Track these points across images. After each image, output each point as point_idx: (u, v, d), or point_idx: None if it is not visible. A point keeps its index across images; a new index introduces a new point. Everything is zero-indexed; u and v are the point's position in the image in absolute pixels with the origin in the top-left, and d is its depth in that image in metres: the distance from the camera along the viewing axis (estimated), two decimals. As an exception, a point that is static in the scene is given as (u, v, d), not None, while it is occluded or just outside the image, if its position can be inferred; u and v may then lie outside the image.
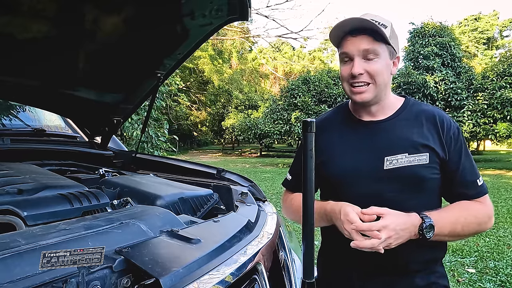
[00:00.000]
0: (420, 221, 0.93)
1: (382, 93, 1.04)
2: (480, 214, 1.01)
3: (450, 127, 1.04)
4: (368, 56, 0.99)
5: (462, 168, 1.02)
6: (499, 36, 39.25)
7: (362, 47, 0.98)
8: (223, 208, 1.43)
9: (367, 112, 1.09)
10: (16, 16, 1.27)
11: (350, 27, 0.99)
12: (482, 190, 1.04)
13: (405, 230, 0.92)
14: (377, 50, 0.99)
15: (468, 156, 1.05)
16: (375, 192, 1.01)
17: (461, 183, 1.03)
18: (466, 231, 1.00)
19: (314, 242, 0.85)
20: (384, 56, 1.01)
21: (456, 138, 1.03)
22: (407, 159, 1.00)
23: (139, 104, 2.06)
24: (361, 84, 1.01)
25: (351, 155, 1.07)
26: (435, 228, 0.93)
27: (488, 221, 1.03)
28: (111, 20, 1.40)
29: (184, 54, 1.68)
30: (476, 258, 3.67)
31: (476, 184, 1.03)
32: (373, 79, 1.00)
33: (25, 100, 2.09)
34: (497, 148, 29.17)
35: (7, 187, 1.13)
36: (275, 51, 32.47)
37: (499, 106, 13.40)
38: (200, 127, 31.13)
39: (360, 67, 0.99)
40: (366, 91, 1.01)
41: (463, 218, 0.98)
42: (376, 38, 0.98)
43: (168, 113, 14.01)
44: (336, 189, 1.10)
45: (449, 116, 1.09)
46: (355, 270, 1.07)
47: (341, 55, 1.04)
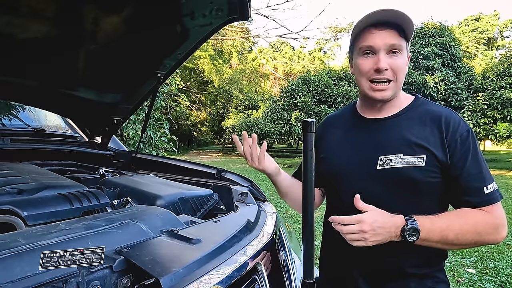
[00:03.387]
0: (404, 223, 0.89)
1: (399, 91, 1.02)
2: (481, 223, 0.92)
3: (456, 129, 0.96)
4: (393, 51, 0.96)
5: (467, 174, 0.94)
6: (500, 37, 39.25)
7: (389, 41, 0.95)
8: (223, 208, 1.43)
9: (373, 109, 1.06)
10: (16, 16, 1.27)
11: (376, 20, 0.95)
12: (489, 198, 0.94)
13: (384, 229, 0.88)
14: (402, 45, 0.96)
15: (477, 161, 0.95)
16: (367, 191, 0.99)
17: (464, 190, 0.95)
18: (462, 240, 0.92)
19: (314, 242, 0.85)
20: (405, 53, 0.99)
21: (463, 141, 0.95)
22: (401, 160, 0.96)
23: (139, 104, 2.06)
24: (384, 81, 0.97)
25: (348, 152, 1.07)
26: (420, 232, 0.88)
27: (493, 232, 0.93)
28: (111, 20, 1.40)
29: (184, 54, 1.68)
30: (476, 258, 3.67)
31: (481, 191, 0.94)
32: (395, 75, 0.97)
33: (25, 100, 2.09)
34: (497, 148, 29.15)
35: (7, 187, 1.13)
36: (275, 51, 32.48)
37: (499, 106, 13.38)
38: (200, 127, 31.11)
39: (386, 62, 0.95)
40: (387, 88, 0.98)
41: (457, 226, 0.91)
42: (400, 33, 0.96)
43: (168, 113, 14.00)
44: (334, 186, 1.10)
45: (460, 117, 1.00)
46: (354, 271, 1.07)
47: (362, 48, 0.99)
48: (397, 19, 0.94)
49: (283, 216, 4.10)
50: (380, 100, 1.01)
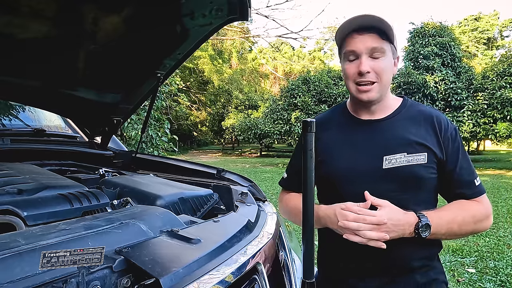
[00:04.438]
0: (417, 220, 0.94)
1: (385, 92, 1.06)
2: (478, 213, 1.02)
3: (447, 127, 1.05)
4: (375, 54, 1.00)
5: (460, 168, 1.03)
6: (499, 36, 39.26)
7: (370, 45, 0.99)
8: (223, 208, 1.43)
9: (366, 111, 1.09)
10: (16, 16, 1.27)
11: (357, 25, 0.99)
12: (480, 189, 1.04)
13: (398, 227, 0.93)
14: (384, 48, 1.00)
15: (465, 156, 1.06)
16: (374, 191, 1.01)
17: (459, 183, 1.04)
18: (463, 230, 1.00)
19: (314, 242, 0.85)
20: (389, 55, 1.02)
21: (453, 139, 1.04)
22: (405, 159, 1.01)
23: (139, 104, 2.06)
24: (367, 83, 1.01)
25: (350, 153, 1.08)
26: (431, 227, 0.94)
27: (485, 220, 1.03)
28: (111, 20, 1.40)
29: (184, 54, 1.68)
30: (476, 258, 3.67)
31: (473, 184, 1.04)
32: (379, 77, 1.01)
33: (25, 100, 2.09)
34: (497, 148, 29.17)
35: (7, 187, 1.13)
36: (275, 51, 32.47)
37: (499, 106, 13.40)
38: (200, 127, 31.12)
39: (367, 65, 1.00)
40: (371, 89, 1.02)
41: (460, 218, 0.99)
42: (382, 36, 0.99)
43: (168, 113, 14.01)
44: (335, 188, 1.10)
45: (447, 116, 1.10)
46: (355, 269, 1.07)
47: (346, 53, 1.03)
48: (377, 23, 0.98)
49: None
50: (367, 101, 1.05)
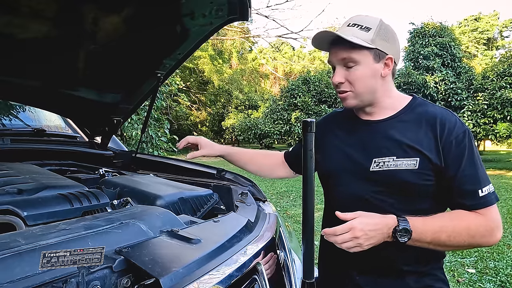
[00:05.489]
0: (396, 224, 0.89)
1: (370, 97, 1.02)
2: (474, 226, 0.92)
3: (452, 131, 0.95)
4: (348, 64, 0.99)
5: (461, 176, 0.93)
6: (499, 37, 39.25)
7: (340, 56, 0.99)
8: (223, 208, 1.43)
9: (363, 112, 1.09)
10: (16, 16, 1.27)
11: (331, 37, 1.00)
12: (484, 201, 0.93)
13: (376, 231, 0.88)
14: (355, 58, 0.97)
15: (473, 163, 0.94)
16: (360, 193, 1.00)
17: (458, 192, 0.95)
18: (454, 242, 0.92)
19: (314, 242, 0.85)
20: (365, 62, 0.98)
21: (458, 143, 0.94)
22: (394, 163, 0.97)
23: (139, 104, 2.06)
24: (342, 92, 1.03)
25: (343, 153, 1.07)
26: (412, 234, 0.88)
27: (487, 235, 0.93)
28: (111, 20, 1.40)
29: (184, 54, 1.68)
30: (476, 258, 3.67)
31: (476, 194, 0.93)
32: (352, 86, 1.00)
33: (25, 100, 2.09)
34: (497, 148, 29.13)
35: (7, 187, 1.13)
36: (275, 51, 32.45)
37: (499, 106, 13.38)
38: (200, 127, 31.08)
39: (340, 76, 1.00)
40: (347, 97, 1.03)
41: (450, 228, 0.91)
42: (353, 45, 0.96)
43: (168, 113, 14.01)
44: (328, 187, 1.12)
45: (456, 118, 0.99)
46: (352, 271, 1.07)
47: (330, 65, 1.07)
48: (346, 32, 0.97)
49: (283, 216, 4.10)
50: (350, 107, 1.07)
